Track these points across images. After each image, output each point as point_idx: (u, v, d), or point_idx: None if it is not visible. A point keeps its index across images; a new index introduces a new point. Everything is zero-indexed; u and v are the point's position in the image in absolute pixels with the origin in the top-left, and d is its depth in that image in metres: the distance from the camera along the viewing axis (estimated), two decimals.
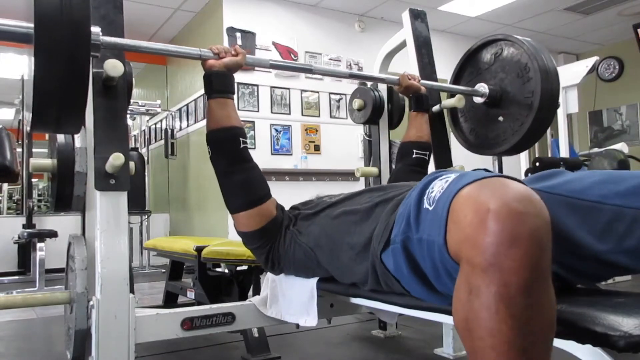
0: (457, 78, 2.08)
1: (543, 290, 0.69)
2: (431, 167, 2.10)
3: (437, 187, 0.87)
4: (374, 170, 2.35)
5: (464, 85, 2.02)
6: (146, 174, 5.58)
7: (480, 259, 0.69)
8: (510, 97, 1.85)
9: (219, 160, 1.39)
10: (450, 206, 0.78)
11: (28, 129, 4.09)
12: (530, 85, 1.76)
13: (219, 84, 1.40)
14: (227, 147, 1.38)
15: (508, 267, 0.67)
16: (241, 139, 1.38)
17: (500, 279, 0.67)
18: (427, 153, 1.85)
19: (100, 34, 1.22)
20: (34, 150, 5.53)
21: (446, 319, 1.07)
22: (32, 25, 0.97)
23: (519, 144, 1.83)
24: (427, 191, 0.89)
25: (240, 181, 1.38)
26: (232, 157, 1.38)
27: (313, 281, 1.38)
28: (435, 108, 2.07)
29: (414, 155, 1.82)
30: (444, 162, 2.07)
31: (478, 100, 1.95)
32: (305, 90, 5.28)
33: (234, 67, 1.44)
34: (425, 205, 0.88)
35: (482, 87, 1.92)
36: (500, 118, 1.88)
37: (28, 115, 1.10)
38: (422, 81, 1.92)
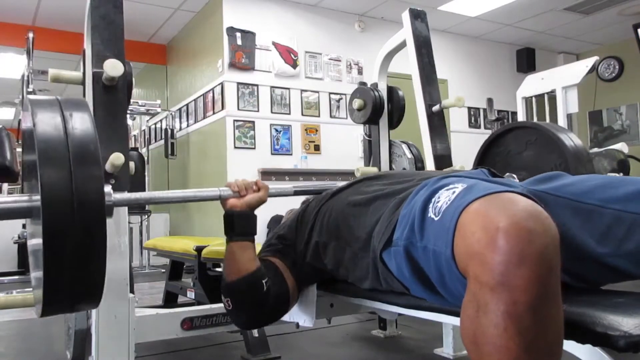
0: (482, 157, 1.94)
1: (551, 308, 0.69)
2: (430, 166, 2.10)
3: (444, 198, 0.87)
4: (374, 170, 2.35)
5: (489, 165, 1.87)
6: (146, 174, 5.58)
7: (488, 277, 0.69)
8: None
9: (241, 315, 1.28)
10: (458, 221, 0.79)
11: None
12: None
13: (241, 227, 1.28)
14: (251, 297, 1.24)
15: (516, 286, 0.67)
16: (264, 281, 1.24)
17: (509, 297, 0.67)
18: None
19: (112, 192, 1.13)
20: None
21: (446, 319, 1.07)
22: (38, 197, 0.84)
23: None
24: (433, 200, 0.89)
25: (268, 319, 1.32)
26: (255, 306, 1.25)
27: None
28: (435, 108, 2.07)
29: None
30: (444, 162, 2.07)
31: None
32: (305, 90, 5.28)
33: (257, 205, 1.32)
34: (431, 214, 0.88)
35: (512, 178, 1.74)
36: None
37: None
38: None
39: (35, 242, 0.93)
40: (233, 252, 1.26)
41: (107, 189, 1.08)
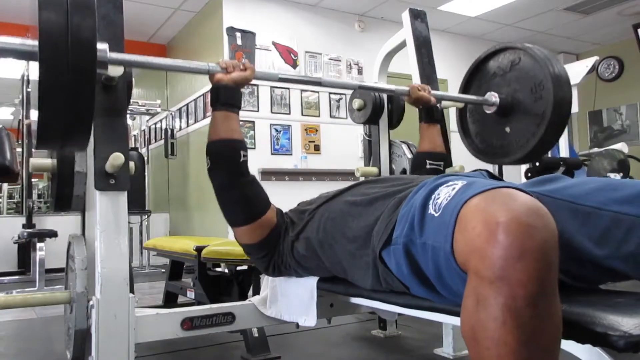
0: (467, 82, 1.97)
1: (550, 302, 0.70)
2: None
3: (444, 194, 0.87)
4: (374, 170, 2.35)
5: (475, 88, 1.94)
6: (146, 174, 5.58)
7: (488, 272, 0.70)
8: (521, 110, 1.76)
9: (217, 173, 1.37)
10: (458, 216, 0.79)
11: (27, 122, 4.09)
12: (541, 106, 1.68)
13: (225, 97, 1.38)
14: (227, 159, 1.35)
15: (516, 280, 0.68)
16: (242, 152, 1.36)
17: (508, 291, 0.68)
18: (442, 163, 1.82)
19: (108, 50, 1.20)
20: (33, 150, 5.53)
21: (446, 319, 1.07)
22: (36, 43, 0.94)
23: (520, 159, 1.80)
24: (433, 196, 0.90)
25: (240, 196, 1.36)
26: (231, 170, 1.35)
27: (313, 281, 1.38)
28: None
29: (427, 166, 1.79)
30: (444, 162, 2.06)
31: (488, 109, 1.86)
32: (305, 90, 5.28)
33: (242, 82, 1.42)
34: (431, 210, 0.89)
35: (493, 97, 1.82)
36: (507, 129, 1.81)
37: (29, 114, 1.08)
38: (433, 92, 1.84)
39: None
40: (216, 119, 1.37)
41: (103, 45, 1.18)
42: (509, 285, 0.68)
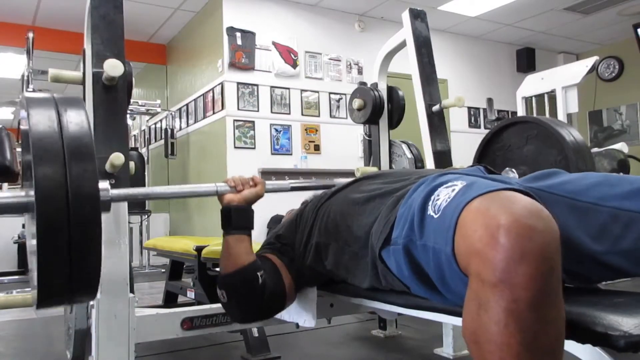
0: (482, 152, 1.91)
1: (552, 304, 0.69)
2: (430, 166, 2.10)
3: (444, 195, 0.86)
4: (373, 170, 2.35)
5: (489, 160, 1.86)
6: (146, 174, 5.58)
7: (490, 275, 0.69)
8: None
9: (234, 308, 1.28)
10: (459, 219, 0.78)
11: None
12: None
13: (238, 221, 1.28)
14: (247, 290, 1.24)
15: (518, 283, 0.67)
16: (258, 273, 1.24)
17: (510, 294, 0.68)
18: None
19: (109, 188, 1.12)
20: None
21: (446, 319, 1.07)
22: (32, 194, 0.84)
23: None
24: (432, 197, 0.89)
25: (264, 313, 1.33)
26: (250, 301, 1.25)
27: None
28: (435, 108, 2.07)
29: None
30: (444, 162, 2.07)
31: None
32: (305, 90, 5.28)
33: (254, 200, 1.32)
34: (430, 212, 0.88)
35: (511, 172, 1.75)
36: None
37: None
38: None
39: (34, 242, 0.93)
40: (229, 245, 1.26)
41: (104, 184, 1.09)
42: (511, 289, 0.68)
